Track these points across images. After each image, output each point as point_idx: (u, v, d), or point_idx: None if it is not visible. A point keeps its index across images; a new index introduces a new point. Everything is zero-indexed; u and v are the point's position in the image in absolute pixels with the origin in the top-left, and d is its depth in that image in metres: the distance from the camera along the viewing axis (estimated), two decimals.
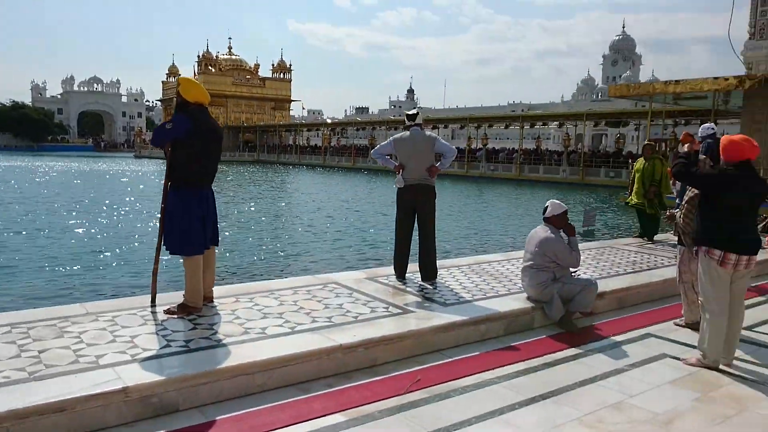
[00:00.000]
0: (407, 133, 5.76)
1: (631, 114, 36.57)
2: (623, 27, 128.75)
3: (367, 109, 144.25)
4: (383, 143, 6.03)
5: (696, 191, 4.44)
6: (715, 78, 19.08)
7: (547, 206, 5.14)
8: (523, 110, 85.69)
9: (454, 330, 4.50)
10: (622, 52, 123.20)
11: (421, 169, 5.66)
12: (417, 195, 5.70)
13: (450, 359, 4.24)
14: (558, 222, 5.08)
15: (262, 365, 3.57)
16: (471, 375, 3.94)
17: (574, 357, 4.36)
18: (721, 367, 4.15)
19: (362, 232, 15.35)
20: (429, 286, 5.57)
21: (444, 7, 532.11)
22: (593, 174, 35.83)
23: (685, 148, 4.56)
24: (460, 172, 42.55)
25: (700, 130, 8.03)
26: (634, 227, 10.84)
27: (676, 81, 20.62)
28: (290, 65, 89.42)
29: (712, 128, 7.87)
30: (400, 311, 4.73)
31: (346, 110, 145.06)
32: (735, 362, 4.25)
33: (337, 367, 3.88)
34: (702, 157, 4.68)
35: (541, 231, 5.10)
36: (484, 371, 4.01)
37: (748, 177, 4.00)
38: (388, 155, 5.89)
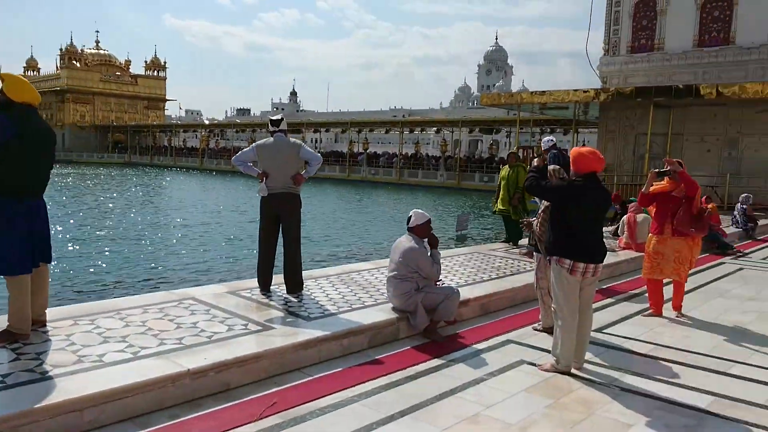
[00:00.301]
0: (271, 139, 5.52)
1: (502, 122, 38.52)
2: (496, 39, 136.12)
3: (249, 110, 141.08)
4: (245, 149, 5.74)
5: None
6: (575, 90, 20.52)
7: (411, 216, 5.11)
8: (404, 115, 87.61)
9: (316, 346, 4.33)
10: (496, 62, 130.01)
11: (285, 177, 5.44)
12: (281, 204, 5.47)
13: (310, 378, 4.06)
14: (421, 232, 5.06)
15: (93, 399, 3.18)
16: (331, 394, 3.78)
17: (437, 368, 4.33)
18: (572, 371, 4.30)
19: (231, 241, 14.76)
20: (294, 299, 5.36)
21: (327, 11, 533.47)
22: (468, 179, 37.29)
23: (535, 162, 4.72)
24: (342, 176, 42.63)
25: (542, 143, 8.47)
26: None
27: (541, 92, 21.95)
28: (165, 62, 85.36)
29: (552, 140, 8.36)
30: (259, 328, 4.48)
31: (226, 111, 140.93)
32: (585, 365, 4.43)
33: (185, 394, 3.57)
34: (552, 167, 4.85)
35: (405, 241, 5.06)
36: (344, 389, 3.86)
37: (595, 188, 4.19)
38: (250, 162, 5.61)
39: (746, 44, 19.08)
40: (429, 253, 5.09)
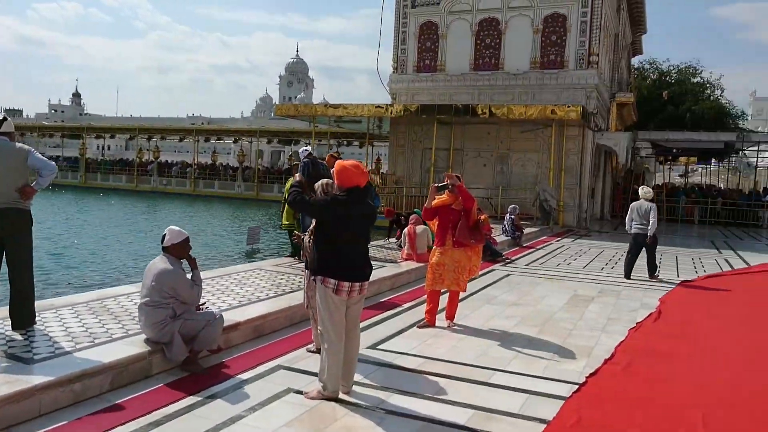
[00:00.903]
0: None
1: (300, 133, 38.54)
2: (297, 51, 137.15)
3: (21, 111, 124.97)
4: None
5: None
6: (367, 105, 21.13)
7: (165, 234, 4.52)
8: (202, 123, 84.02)
9: (34, 396, 3.53)
10: (297, 74, 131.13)
11: (9, 190, 4.49)
12: (4, 223, 4.50)
13: None
14: (177, 251, 4.49)
15: None
16: None
17: (190, 408, 3.80)
18: (341, 395, 4.06)
19: None
20: (19, 337, 4.42)
21: (116, 8, 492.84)
22: (267, 190, 36.62)
23: (297, 176, 4.46)
24: (130, 187, 39.25)
25: (300, 152, 8.62)
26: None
27: (335, 105, 22.26)
28: None
29: (308, 150, 8.48)
30: None
31: None
32: (354, 387, 4.23)
33: None
34: (323, 181, 4.60)
35: (159, 262, 4.45)
36: None
37: (358, 203, 4.01)
38: None
39: (513, 70, 21.26)
40: (190, 275, 4.54)
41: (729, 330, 6.73)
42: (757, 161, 32.85)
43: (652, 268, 10.01)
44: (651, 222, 9.67)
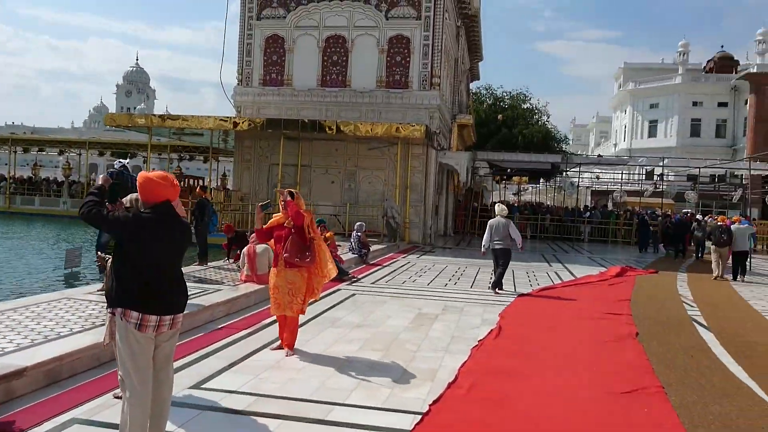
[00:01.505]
0: None
1: (138, 146, 35.81)
2: (137, 60, 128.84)
3: None
4: None
5: None
6: (210, 117, 20.01)
7: None
8: (25, 132, 75.36)
9: None
10: (137, 84, 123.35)
11: None
12: None
13: None
14: None
15: None
16: None
17: None
18: None
19: None
20: None
21: None
22: None
23: (100, 180, 3.72)
24: None
25: (115, 164, 7.81)
26: None
27: (174, 116, 20.81)
28: None
29: (121, 163, 7.67)
30: None
31: None
32: None
33: None
34: (131, 196, 3.91)
35: None
36: None
37: (167, 221, 3.38)
38: None
39: (360, 88, 21.35)
40: None
41: (561, 342, 6.93)
42: (578, 181, 36.30)
43: (499, 282, 10.41)
44: (514, 237, 10.23)
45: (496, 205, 11.00)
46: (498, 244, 10.28)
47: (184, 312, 3.56)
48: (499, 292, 10.28)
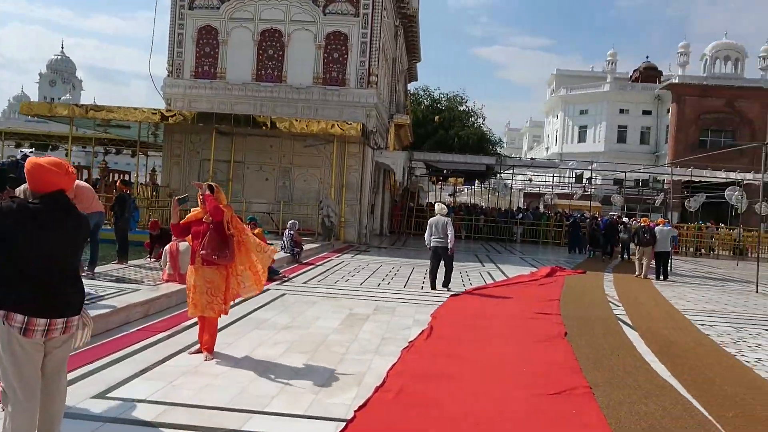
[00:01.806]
0: None
1: (59, 137, 33.91)
2: (62, 48, 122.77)
3: None
4: None
5: None
6: (137, 109, 19.11)
7: None
8: None
9: None
10: (62, 73, 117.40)
11: None
12: None
13: None
14: None
15: None
16: None
17: None
18: None
19: None
20: None
21: None
22: None
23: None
24: None
25: (18, 154, 7.23)
26: None
27: (97, 107, 19.74)
28: None
29: (23, 152, 7.13)
30: None
31: None
32: None
33: None
34: (23, 186, 3.50)
35: None
36: None
37: (60, 211, 3.02)
38: None
39: (296, 84, 20.91)
40: None
41: (492, 343, 6.87)
42: (512, 183, 37.05)
43: (448, 280, 10.66)
44: (449, 236, 10.46)
45: (437, 204, 11.28)
46: (438, 242, 10.52)
47: (94, 314, 3.18)
48: (432, 291, 10.27)
